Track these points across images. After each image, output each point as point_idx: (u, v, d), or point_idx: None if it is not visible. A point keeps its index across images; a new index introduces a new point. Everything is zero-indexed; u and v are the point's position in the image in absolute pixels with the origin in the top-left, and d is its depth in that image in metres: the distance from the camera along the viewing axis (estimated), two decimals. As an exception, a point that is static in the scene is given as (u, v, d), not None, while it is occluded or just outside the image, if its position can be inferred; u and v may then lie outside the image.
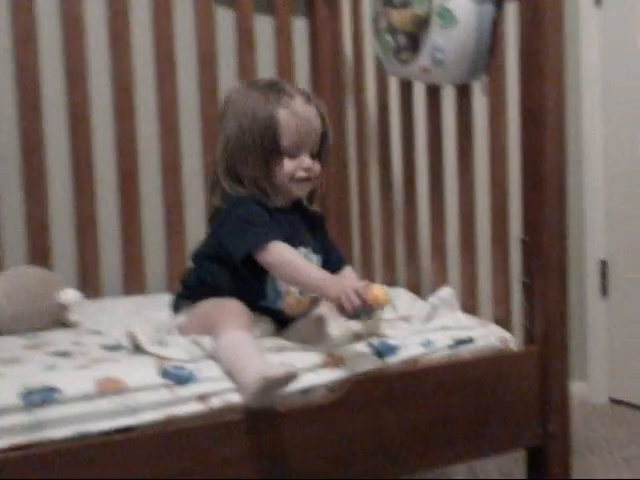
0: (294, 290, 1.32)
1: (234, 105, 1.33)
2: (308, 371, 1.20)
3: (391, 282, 1.80)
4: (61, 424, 1.06)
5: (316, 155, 1.35)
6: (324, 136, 1.36)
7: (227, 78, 1.91)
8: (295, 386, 1.17)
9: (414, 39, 1.48)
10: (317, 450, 1.19)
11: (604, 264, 2.40)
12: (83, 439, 1.06)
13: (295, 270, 1.23)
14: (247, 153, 1.30)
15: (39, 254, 1.77)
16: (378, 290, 1.16)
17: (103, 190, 1.85)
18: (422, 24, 1.44)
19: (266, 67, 1.95)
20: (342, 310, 1.18)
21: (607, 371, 2.44)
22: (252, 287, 1.31)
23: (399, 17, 1.49)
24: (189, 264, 1.41)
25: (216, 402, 1.14)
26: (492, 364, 1.34)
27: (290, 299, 1.34)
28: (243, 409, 1.14)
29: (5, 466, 1.01)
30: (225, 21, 1.92)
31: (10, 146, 1.76)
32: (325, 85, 1.97)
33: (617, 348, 2.40)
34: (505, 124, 1.44)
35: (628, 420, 2.27)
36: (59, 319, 1.51)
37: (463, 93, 1.52)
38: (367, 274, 1.88)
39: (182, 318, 1.34)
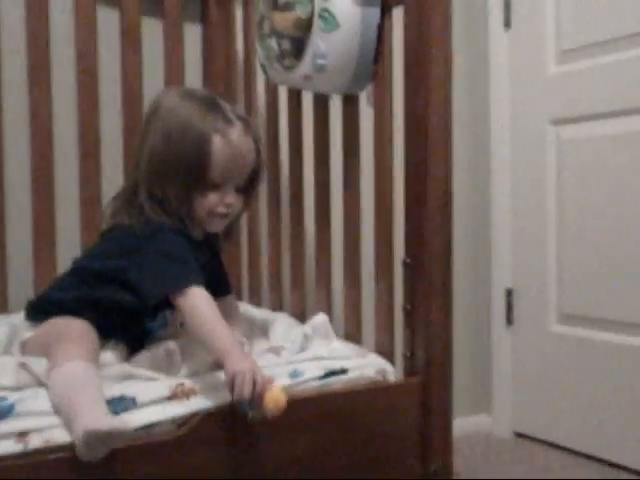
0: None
1: (165, 114, 1.18)
2: (153, 403, 1.06)
3: (277, 306, 1.68)
4: None
5: (241, 190, 1.23)
6: (255, 171, 1.24)
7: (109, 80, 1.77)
8: (137, 421, 1.03)
9: (298, 44, 1.37)
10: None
11: (510, 293, 2.34)
12: None
13: (206, 326, 1.10)
14: (170, 174, 1.16)
15: None
16: (278, 394, 1.05)
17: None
18: (305, 28, 1.34)
19: (153, 70, 1.82)
20: (230, 390, 1.05)
21: (511, 404, 2.37)
22: (145, 311, 1.18)
23: (282, 20, 1.38)
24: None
25: (36, 441, 0.99)
26: (365, 396, 1.23)
27: (172, 329, 1.23)
28: (68, 448, 0.99)
29: None
30: (108, 20, 1.78)
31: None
32: (217, 92, 1.84)
33: (521, 380, 2.34)
34: (390, 138, 1.34)
35: (530, 455, 2.20)
36: None
37: (350, 103, 1.42)
38: (254, 297, 1.76)
39: (30, 334, 1.19)
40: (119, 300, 1.17)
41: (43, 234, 1.72)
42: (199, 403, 1.09)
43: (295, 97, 1.59)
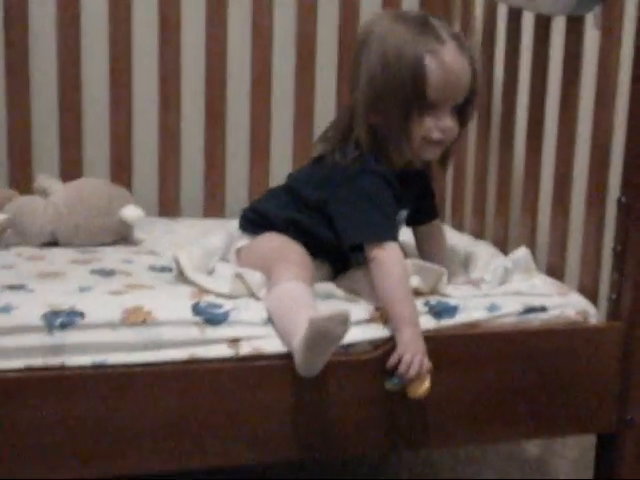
0: None
1: (376, 38, 1.17)
2: (353, 325, 1.09)
3: (479, 234, 1.65)
4: (80, 351, 1.02)
5: (457, 114, 1.19)
6: (471, 92, 1.19)
7: None
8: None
9: (524, -39, 1.30)
10: (352, 406, 1.11)
11: None
12: (100, 369, 1.02)
13: (394, 288, 1.11)
14: (388, 97, 1.15)
15: (120, 168, 1.75)
16: (428, 384, 1.08)
17: (190, 111, 1.79)
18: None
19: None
20: (391, 358, 1.08)
21: None
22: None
23: None
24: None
25: (246, 349, 1.07)
26: (563, 337, 1.20)
27: None
28: (274, 357, 1.07)
29: (19, 387, 0.99)
30: None
31: (100, 64, 1.73)
32: (434, 8, 1.80)
33: None
34: (617, 65, 1.24)
35: None
36: (123, 235, 1.48)
37: (574, 26, 1.33)
38: (457, 223, 1.75)
39: (243, 242, 1.27)
40: (322, 233, 1.21)
41: (259, 145, 1.81)
42: (395, 328, 1.12)
43: (515, 17, 1.51)
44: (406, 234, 1.37)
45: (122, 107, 1.75)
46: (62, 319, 1.02)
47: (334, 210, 1.18)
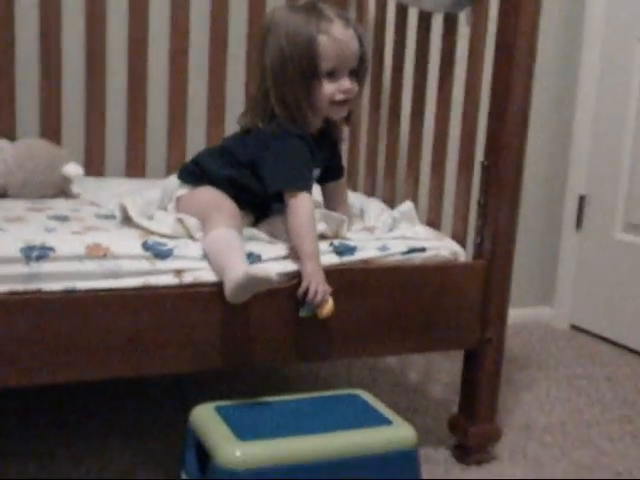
0: None
1: (276, 27, 1.41)
2: (272, 261, 1.36)
3: (371, 191, 1.95)
4: (54, 278, 1.23)
5: (354, 76, 1.44)
6: (362, 58, 1.45)
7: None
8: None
9: (410, -35, 1.58)
10: (270, 326, 1.37)
11: (582, 199, 2.54)
12: (71, 293, 1.24)
13: (302, 228, 1.36)
14: (288, 75, 1.39)
15: (50, 130, 1.93)
16: (332, 304, 1.35)
17: (113, 76, 1.99)
18: (418, -49, 1.54)
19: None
20: (299, 289, 1.34)
21: (571, 298, 2.62)
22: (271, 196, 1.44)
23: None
24: (189, 155, 1.54)
25: (188, 278, 1.31)
26: (439, 271, 1.50)
27: None
28: (211, 285, 1.31)
29: (3, 307, 1.19)
30: None
31: (29, 28, 1.89)
32: (330, 2, 2.06)
33: (584, 279, 2.57)
34: (482, 55, 1.55)
35: (582, 345, 2.47)
36: (63, 190, 1.68)
37: (450, 21, 1.63)
38: (351, 182, 2.03)
39: (183, 192, 1.48)
40: (250, 184, 1.45)
41: (176, 115, 2.04)
42: (307, 262, 1.39)
43: (402, 11, 1.80)
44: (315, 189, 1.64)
45: (52, 73, 1.92)
46: (37, 252, 1.23)
47: (261, 165, 1.43)
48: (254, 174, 1.45)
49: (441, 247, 1.54)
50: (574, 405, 1.97)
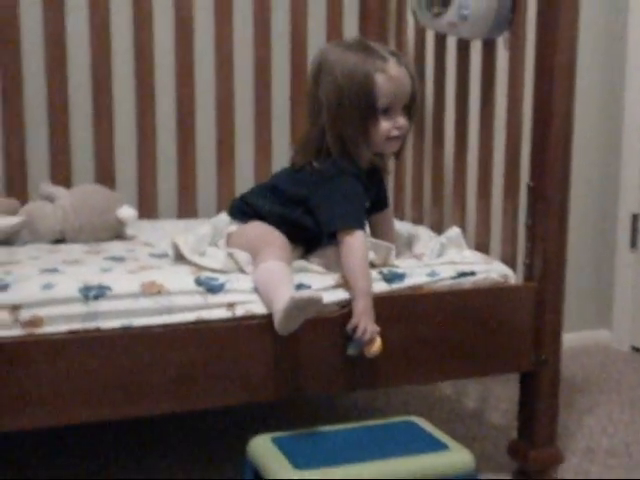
0: None
1: (330, 65, 1.43)
2: (322, 290, 1.38)
3: (418, 219, 1.96)
4: (111, 316, 1.28)
5: (406, 112, 1.47)
6: (413, 94, 1.47)
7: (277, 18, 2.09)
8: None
9: (445, -5, 1.61)
10: (326, 355, 1.39)
11: (635, 217, 2.50)
12: (127, 330, 1.27)
13: (357, 266, 1.38)
14: (346, 112, 1.42)
15: (104, 175, 1.99)
16: (380, 344, 1.35)
17: (164, 121, 2.05)
18: (452, -19, 1.57)
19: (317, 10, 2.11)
20: (348, 326, 1.36)
21: (630, 320, 2.56)
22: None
23: (433, -26, 1.61)
24: (238, 193, 1.56)
25: (240, 311, 1.34)
26: (490, 295, 1.50)
27: None
28: (262, 317, 1.34)
29: (64, 346, 1.24)
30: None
31: (81, 75, 1.97)
32: (371, 33, 2.10)
33: (641, 298, 2.52)
34: (522, 77, 1.56)
35: (644, 366, 2.41)
36: (118, 233, 1.73)
37: (489, 47, 1.65)
38: (398, 211, 2.05)
39: (234, 228, 1.51)
40: (302, 221, 1.48)
41: (225, 156, 2.09)
42: (358, 292, 1.41)
43: (441, 40, 1.82)
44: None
45: (104, 121, 1.99)
46: (94, 292, 1.27)
47: (315, 205, 1.45)
48: (307, 212, 1.48)
49: (491, 270, 1.54)
50: (638, 427, 1.92)
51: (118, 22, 1.99)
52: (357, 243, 1.40)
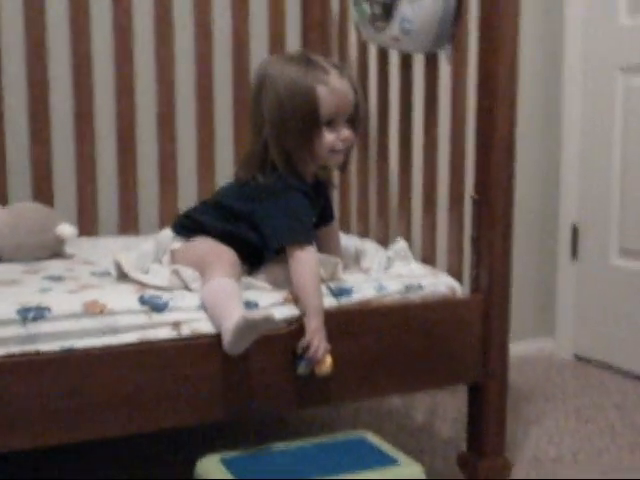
0: None
1: (272, 79, 1.41)
2: (271, 307, 1.36)
3: (364, 233, 1.95)
4: (51, 339, 1.23)
5: (350, 124, 1.45)
6: (357, 106, 1.46)
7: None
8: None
9: (388, 9, 1.61)
10: (272, 374, 1.36)
11: (575, 228, 2.55)
12: (68, 352, 1.23)
13: (308, 283, 1.36)
14: (289, 126, 1.40)
15: (42, 192, 1.94)
16: (331, 363, 1.34)
17: (103, 138, 2.01)
18: (395, -5, 1.57)
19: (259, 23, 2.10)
20: (299, 344, 1.34)
21: (573, 328, 2.60)
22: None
23: (375, -13, 1.61)
24: (181, 210, 1.54)
25: (186, 330, 1.31)
26: (438, 308, 1.50)
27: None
28: (209, 336, 1.31)
29: (1, 370, 1.18)
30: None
31: (17, 94, 1.92)
32: (313, 47, 2.10)
33: (583, 308, 2.56)
34: (465, 91, 1.57)
35: (588, 374, 2.45)
36: (56, 252, 1.68)
37: (431, 61, 1.65)
38: (344, 225, 2.04)
39: (178, 244, 1.48)
40: (247, 237, 1.46)
41: (167, 173, 2.05)
42: (306, 307, 1.39)
43: (383, 54, 1.83)
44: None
45: (42, 138, 1.94)
46: (33, 313, 1.22)
47: (261, 220, 1.43)
48: (252, 227, 1.45)
49: (438, 283, 1.54)
50: (584, 435, 1.95)
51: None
52: (308, 257, 1.38)
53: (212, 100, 2.09)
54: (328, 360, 1.34)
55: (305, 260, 1.38)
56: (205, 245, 1.44)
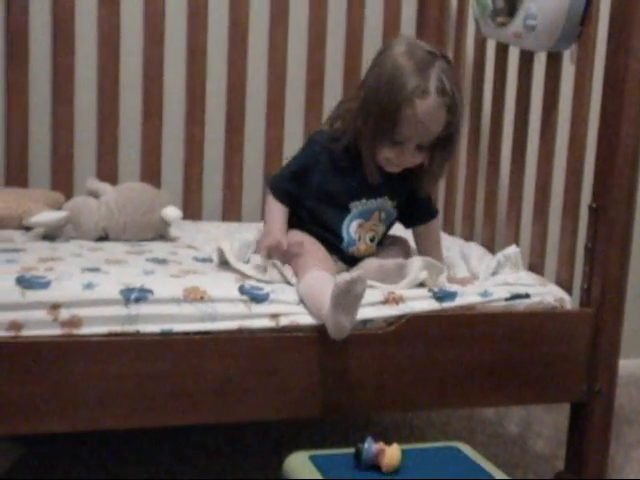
0: (367, 236, 1.47)
1: (384, 63, 1.38)
2: (370, 305, 1.33)
3: (468, 236, 1.89)
4: (151, 320, 1.24)
5: (425, 148, 1.41)
6: (447, 125, 1.39)
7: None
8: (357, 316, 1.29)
9: (511, 3, 1.55)
10: (369, 373, 1.33)
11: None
12: (167, 335, 1.23)
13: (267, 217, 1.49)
14: (368, 115, 1.38)
15: (151, 174, 1.96)
16: (396, 453, 1.15)
17: (212, 124, 2.01)
18: (520, -10, 1.50)
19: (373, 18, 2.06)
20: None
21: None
22: (330, 232, 1.45)
23: (499, -19, 1.55)
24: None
25: (285, 321, 1.29)
26: (544, 319, 1.43)
27: (362, 245, 1.47)
28: (308, 329, 1.29)
29: (102, 348, 1.20)
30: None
31: (132, 74, 1.95)
32: (429, 38, 2.04)
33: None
34: (589, 94, 1.49)
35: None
36: (161, 233, 1.70)
37: (554, 60, 1.58)
38: (448, 226, 1.98)
39: None
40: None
41: (272, 159, 2.04)
42: (406, 308, 1.35)
43: (503, 50, 1.76)
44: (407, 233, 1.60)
45: (153, 120, 1.96)
46: (136, 294, 1.23)
47: None
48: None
49: (546, 293, 1.47)
50: (690, 463, 1.83)
51: (172, 24, 1.96)
52: (270, 201, 1.47)
53: (322, 93, 2.07)
54: (391, 454, 1.16)
55: (267, 203, 1.49)
56: (298, 239, 1.43)
